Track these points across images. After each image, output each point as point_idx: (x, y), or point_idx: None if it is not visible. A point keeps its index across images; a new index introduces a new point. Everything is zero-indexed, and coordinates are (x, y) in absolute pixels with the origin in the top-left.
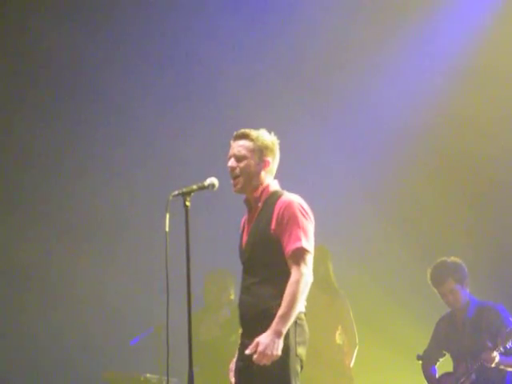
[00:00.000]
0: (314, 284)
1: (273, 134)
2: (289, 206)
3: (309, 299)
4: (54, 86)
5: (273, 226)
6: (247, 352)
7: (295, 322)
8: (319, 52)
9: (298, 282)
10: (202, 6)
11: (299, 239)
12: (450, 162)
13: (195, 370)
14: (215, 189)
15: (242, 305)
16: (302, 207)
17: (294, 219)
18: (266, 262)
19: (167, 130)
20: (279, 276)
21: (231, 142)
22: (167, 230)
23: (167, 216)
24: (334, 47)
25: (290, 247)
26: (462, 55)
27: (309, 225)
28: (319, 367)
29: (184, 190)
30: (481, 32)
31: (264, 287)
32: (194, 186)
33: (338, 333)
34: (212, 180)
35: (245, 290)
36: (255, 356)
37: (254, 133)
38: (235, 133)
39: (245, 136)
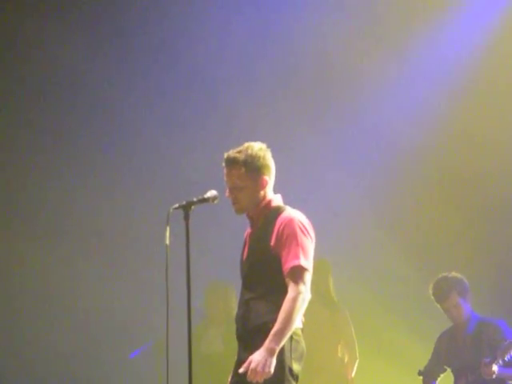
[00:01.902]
0: (314, 298)
1: (259, 143)
2: (289, 222)
3: (310, 313)
4: (57, 96)
5: (272, 242)
6: (240, 371)
7: (291, 338)
8: (320, 64)
9: (294, 300)
10: (204, 13)
11: (297, 257)
12: (451, 177)
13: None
14: (216, 202)
15: (238, 319)
16: (303, 224)
17: (294, 236)
18: (264, 277)
19: (169, 142)
20: (277, 292)
21: (223, 165)
22: (168, 242)
23: (168, 229)
24: (335, 60)
25: (288, 265)
26: (463, 72)
27: (308, 243)
28: (321, 381)
29: (184, 202)
30: (483, 48)
31: (261, 303)
32: (195, 199)
33: (339, 347)
34: (213, 193)
35: (242, 305)
36: (248, 374)
37: (242, 156)
38: (224, 158)
39: (234, 163)
